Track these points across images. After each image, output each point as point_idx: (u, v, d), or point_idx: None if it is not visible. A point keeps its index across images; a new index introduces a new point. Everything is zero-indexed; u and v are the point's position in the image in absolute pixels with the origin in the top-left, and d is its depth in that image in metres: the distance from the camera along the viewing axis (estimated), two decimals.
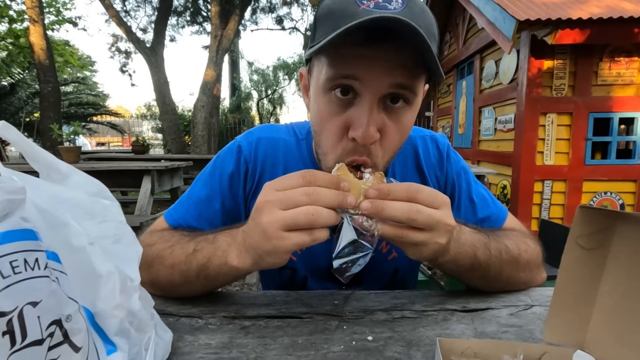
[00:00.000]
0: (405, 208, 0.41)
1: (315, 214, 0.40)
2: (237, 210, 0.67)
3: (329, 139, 0.51)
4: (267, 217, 0.41)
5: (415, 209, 0.41)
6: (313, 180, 0.42)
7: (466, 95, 5.03)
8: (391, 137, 0.50)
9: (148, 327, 0.36)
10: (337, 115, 0.49)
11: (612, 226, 0.34)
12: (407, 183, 0.43)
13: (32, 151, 0.37)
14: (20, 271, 0.25)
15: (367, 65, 0.45)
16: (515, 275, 0.57)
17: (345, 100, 0.48)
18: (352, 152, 0.49)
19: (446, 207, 0.44)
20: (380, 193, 0.42)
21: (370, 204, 0.41)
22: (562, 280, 0.36)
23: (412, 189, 0.42)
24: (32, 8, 6.45)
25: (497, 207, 0.70)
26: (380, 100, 0.47)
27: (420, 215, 0.41)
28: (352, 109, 0.48)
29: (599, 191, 3.51)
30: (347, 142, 0.49)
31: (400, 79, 0.46)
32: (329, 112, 0.50)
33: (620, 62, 3.32)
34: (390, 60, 0.45)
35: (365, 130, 0.46)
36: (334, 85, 0.48)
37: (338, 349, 0.43)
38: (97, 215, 0.38)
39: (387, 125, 0.49)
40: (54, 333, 0.27)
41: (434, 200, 0.43)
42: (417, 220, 0.41)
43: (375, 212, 0.41)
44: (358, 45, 0.44)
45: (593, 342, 0.36)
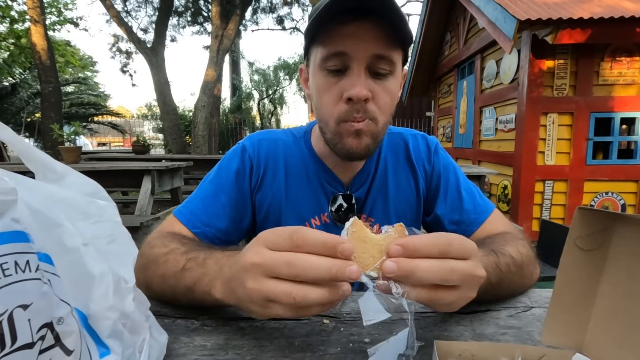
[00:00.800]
0: (438, 268, 0.35)
1: (298, 297, 0.34)
2: (243, 204, 0.71)
3: (328, 105, 0.61)
4: (251, 283, 0.36)
5: (449, 267, 0.35)
6: (302, 243, 0.35)
7: (467, 95, 5.02)
8: (382, 98, 0.60)
9: (142, 329, 0.36)
10: (332, 85, 0.59)
11: (611, 227, 0.34)
12: (435, 235, 0.37)
13: (27, 151, 0.36)
14: (10, 274, 0.25)
15: (350, 41, 0.56)
16: (521, 282, 0.57)
17: (338, 74, 0.59)
18: (350, 112, 0.59)
19: (476, 255, 0.38)
20: (406, 250, 0.35)
21: (396, 265, 0.34)
22: (561, 282, 0.36)
23: (443, 243, 0.36)
24: (33, 8, 6.46)
25: (484, 201, 0.73)
26: (367, 69, 0.58)
27: (455, 274, 0.35)
28: (344, 79, 0.59)
29: (600, 191, 3.51)
30: (343, 104, 0.59)
31: (380, 50, 0.57)
32: (326, 84, 0.60)
33: (622, 62, 3.32)
34: (368, 36, 0.56)
35: (358, 89, 0.56)
36: (327, 64, 0.58)
37: (335, 350, 0.42)
38: (91, 216, 0.38)
39: (375, 89, 0.59)
40: (45, 336, 0.26)
41: (464, 250, 0.37)
42: (451, 280, 0.36)
43: (403, 275, 0.34)
44: (343, 26, 0.55)
45: (592, 344, 0.36)
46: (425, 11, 5.71)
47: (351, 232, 0.37)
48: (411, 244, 0.35)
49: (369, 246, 0.36)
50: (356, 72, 0.57)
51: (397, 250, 0.35)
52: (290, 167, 0.73)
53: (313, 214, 0.72)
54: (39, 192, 0.34)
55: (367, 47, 0.56)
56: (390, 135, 0.77)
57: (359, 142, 0.61)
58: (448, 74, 5.88)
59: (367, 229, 0.38)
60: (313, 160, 0.73)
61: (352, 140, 0.61)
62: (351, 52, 0.56)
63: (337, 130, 0.61)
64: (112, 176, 3.04)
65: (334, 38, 0.57)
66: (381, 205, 0.74)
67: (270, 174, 0.72)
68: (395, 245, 0.35)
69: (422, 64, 6.33)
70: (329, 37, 0.57)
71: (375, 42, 0.56)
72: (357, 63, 0.57)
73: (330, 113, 0.61)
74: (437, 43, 6.02)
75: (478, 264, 0.38)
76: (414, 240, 0.35)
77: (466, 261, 0.37)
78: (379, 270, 0.35)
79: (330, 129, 0.62)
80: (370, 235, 0.37)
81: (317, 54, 0.60)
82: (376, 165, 0.74)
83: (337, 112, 0.60)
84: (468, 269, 0.36)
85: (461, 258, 0.36)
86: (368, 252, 0.36)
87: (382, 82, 0.59)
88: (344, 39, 0.56)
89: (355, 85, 0.57)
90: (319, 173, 0.73)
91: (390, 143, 0.76)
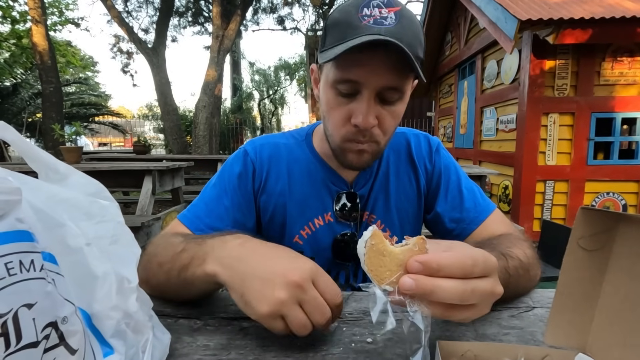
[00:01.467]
0: (460, 290, 0.33)
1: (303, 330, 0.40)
2: (247, 206, 0.72)
3: (335, 124, 0.62)
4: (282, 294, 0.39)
5: (471, 289, 0.34)
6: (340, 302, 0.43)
7: (468, 95, 5.02)
8: (387, 122, 0.61)
9: (145, 329, 0.36)
10: (342, 105, 0.60)
11: (614, 228, 0.34)
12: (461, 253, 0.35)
13: (31, 151, 0.36)
14: (15, 273, 0.25)
15: (364, 70, 0.56)
16: (527, 285, 0.57)
17: (348, 95, 0.59)
18: (355, 135, 0.61)
19: (495, 271, 0.37)
20: (427, 268, 0.33)
21: (414, 283, 0.33)
22: (564, 282, 0.36)
23: (468, 264, 0.34)
24: (34, 9, 6.47)
25: (485, 201, 0.73)
26: (376, 97, 0.58)
27: (475, 295, 0.34)
28: (353, 103, 0.59)
29: (601, 191, 3.50)
30: (350, 127, 0.60)
31: (390, 82, 0.57)
32: (336, 103, 0.61)
33: (623, 62, 3.31)
34: (382, 67, 0.56)
35: (365, 118, 0.58)
36: (339, 86, 0.59)
37: (337, 350, 0.42)
38: (94, 216, 0.38)
39: (382, 114, 0.60)
40: (49, 335, 0.26)
41: (487, 269, 0.35)
42: (470, 301, 0.34)
43: (422, 294, 0.33)
44: (359, 54, 0.54)
45: (595, 345, 0.36)
46: (426, 11, 5.71)
47: (370, 245, 0.35)
48: (434, 262, 0.33)
49: (387, 260, 0.35)
50: (366, 100, 0.58)
51: (417, 267, 0.33)
52: (292, 169, 0.74)
53: (317, 214, 0.73)
54: (43, 192, 0.34)
55: (379, 79, 0.56)
56: (394, 135, 0.77)
57: (359, 158, 0.64)
58: (449, 74, 5.87)
59: (387, 240, 0.36)
60: (316, 161, 0.74)
61: (355, 157, 0.64)
62: (363, 81, 0.57)
63: (341, 147, 0.64)
64: (113, 176, 3.04)
65: (347, 64, 0.56)
66: (383, 202, 0.74)
67: (274, 177, 0.73)
68: (415, 262, 0.34)
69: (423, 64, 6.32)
70: (343, 62, 0.57)
71: (388, 74, 0.56)
72: (367, 91, 0.57)
73: (337, 131, 0.63)
74: (437, 43, 6.02)
75: (497, 280, 0.37)
76: (437, 259, 0.33)
77: (486, 279, 0.35)
78: (395, 284, 0.34)
79: (335, 144, 0.65)
80: (389, 248, 0.36)
81: (329, 71, 0.60)
82: (379, 164, 0.75)
83: (344, 133, 0.62)
84: (488, 288, 0.35)
85: (482, 276, 0.35)
86: (386, 266, 0.35)
87: (390, 107, 0.60)
88: (358, 67, 0.56)
89: (363, 113, 0.57)
90: (323, 173, 0.73)
91: (392, 142, 0.77)
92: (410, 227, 0.76)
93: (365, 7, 0.55)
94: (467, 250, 0.36)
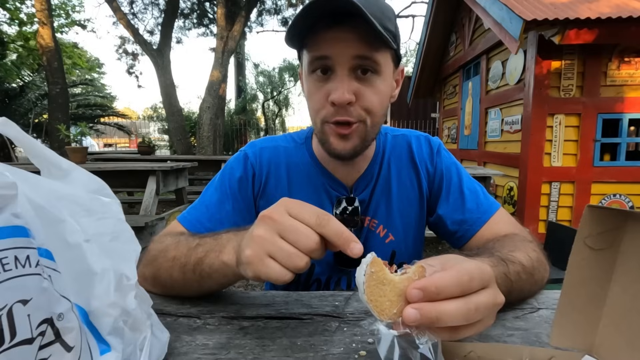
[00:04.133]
0: (464, 311, 0.32)
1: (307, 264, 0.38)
2: (247, 211, 0.72)
3: (314, 107, 0.63)
4: (260, 231, 0.40)
5: (474, 307, 0.33)
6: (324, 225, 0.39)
7: (472, 96, 4.99)
8: (367, 98, 0.60)
9: (143, 327, 0.36)
10: (319, 88, 0.61)
11: (621, 226, 0.33)
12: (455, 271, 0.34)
13: (33, 147, 0.36)
14: (10, 268, 0.25)
15: (332, 45, 0.57)
16: (532, 289, 0.55)
17: (324, 77, 0.60)
18: (335, 114, 0.60)
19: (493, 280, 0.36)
20: (427, 294, 0.32)
21: (419, 313, 0.31)
22: (570, 282, 0.35)
23: (464, 280, 0.33)
24: (41, 11, 6.54)
25: (489, 201, 0.72)
26: (351, 71, 0.59)
27: (480, 312, 0.33)
28: (329, 82, 0.60)
29: (607, 193, 3.46)
30: (328, 107, 0.60)
31: (361, 51, 0.57)
32: (314, 87, 0.62)
33: (630, 62, 3.27)
34: (348, 38, 0.56)
35: (340, 93, 0.58)
36: (314, 67, 0.61)
37: (338, 350, 0.42)
38: (95, 212, 0.38)
39: (361, 90, 0.60)
40: (45, 332, 0.26)
41: (483, 281, 0.35)
42: (476, 318, 0.34)
43: (429, 322, 0.32)
44: (324, 31, 0.57)
45: (602, 347, 0.35)
46: (430, 12, 5.69)
47: (370, 272, 0.34)
48: (432, 285, 0.32)
49: (387, 289, 0.34)
50: (339, 75, 0.58)
51: (418, 295, 0.32)
52: (292, 173, 0.73)
53: None
54: (43, 188, 0.34)
55: (348, 50, 0.57)
56: (394, 138, 0.78)
57: (345, 144, 0.62)
58: (453, 75, 5.85)
59: (386, 268, 0.35)
60: (315, 166, 0.73)
61: (338, 142, 0.62)
62: (333, 55, 0.58)
63: (322, 130, 0.63)
64: (117, 176, 3.06)
65: (317, 43, 0.59)
66: (384, 206, 0.74)
67: (273, 181, 0.73)
68: (414, 289, 0.32)
69: (427, 65, 6.31)
70: (312, 42, 0.59)
71: (356, 44, 0.57)
72: (340, 66, 0.58)
73: (316, 114, 0.63)
74: (442, 44, 6.00)
75: (496, 289, 0.36)
76: (435, 282, 0.32)
77: (486, 291, 0.34)
78: (397, 316, 0.33)
79: (317, 129, 0.65)
80: (389, 276, 0.34)
81: (305, 58, 0.62)
82: (380, 168, 0.74)
83: (323, 114, 0.62)
84: (490, 301, 0.34)
85: (481, 288, 0.34)
86: (386, 296, 0.33)
87: (367, 82, 0.60)
88: (326, 43, 0.58)
89: (338, 89, 0.58)
90: (322, 178, 0.73)
91: (393, 145, 0.77)
92: (412, 231, 0.75)
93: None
94: (461, 265, 0.35)
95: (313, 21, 0.56)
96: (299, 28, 0.57)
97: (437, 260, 0.37)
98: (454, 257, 0.38)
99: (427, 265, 0.35)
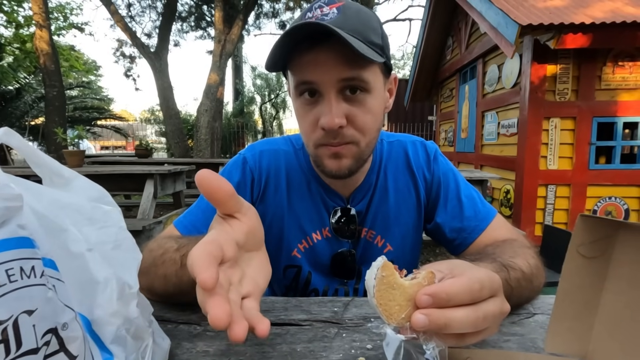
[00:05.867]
0: (472, 319, 0.32)
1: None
2: None
3: (305, 131, 0.62)
4: None
5: (482, 315, 0.33)
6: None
7: (469, 100, 5.03)
8: (360, 119, 0.58)
9: (145, 335, 0.36)
10: (308, 112, 0.59)
11: (613, 235, 0.34)
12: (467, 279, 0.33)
13: (35, 156, 0.37)
14: (16, 279, 0.25)
15: (315, 69, 0.55)
16: (530, 295, 0.55)
17: (312, 100, 0.58)
18: (325, 138, 0.59)
19: (501, 287, 0.36)
20: (437, 300, 0.32)
21: (428, 319, 0.31)
22: (563, 290, 0.36)
23: (475, 289, 0.33)
24: (38, 13, 6.53)
25: (486, 207, 0.72)
26: (339, 93, 0.56)
27: (487, 321, 0.33)
28: (318, 106, 0.58)
29: (603, 196, 3.49)
30: (319, 131, 0.58)
31: (345, 74, 0.55)
32: (303, 111, 0.60)
33: (624, 67, 3.31)
34: (330, 61, 0.54)
35: (329, 118, 0.55)
36: (300, 91, 0.59)
37: (337, 357, 0.42)
38: (97, 221, 0.38)
39: (351, 111, 0.57)
40: (49, 342, 0.27)
41: (492, 289, 0.34)
42: (483, 326, 0.33)
43: (437, 329, 0.31)
44: (306, 53, 0.54)
45: (596, 352, 0.35)
46: (427, 16, 5.74)
47: (380, 276, 0.34)
48: (443, 292, 0.32)
49: (397, 294, 0.34)
50: (327, 100, 0.56)
51: (427, 301, 0.32)
52: (292, 179, 0.72)
53: (314, 229, 0.72)
54: (45, 197, 0.34)
55: (331, 73, 0.55)
56: (390, 144, 0.76)
57: (339, 165, 0.61)
58: (450, 79, 5.88)
59: (397, 272, 0.35)
60: (313, 173, 0.73)
61: (332, 162, 0.61)
62: (317, 80, 0.55)
63: (315, 154, 0.62)
64: (115, 180, 3.05)
65: (299, 66, 0.56)
66: (382, 217, 0.73)
67: (272, 186, 0.72)
68: (424, 295, 0.32)
69: (424, 68, 6.35)
70: (295, 66, 0.57)
71: (339, 67, 0.54)
72: (326, 90, 0.56)
73: (308, 139, 0.62)
74: (439, 48, 6.04)
75: (503, 299, 0.36)
76: (446, 289, 0.32)
77: (494, 300, 0.34)
78: (405, 320, 0.33)
79: (310, 152, 0.64)
80: (399, 281, 0.34)
81: (291, 80, 0.60)
82: (377, 177, 0.73)
83: (315, 138, 0.60)
84: (497, 310, 0.34)
85: (490, 297, 0.34)
86: (395, 300, 0.34)
87: (358, 102, 0.58)
88: (308, 66, 0.55)
89: (327, 114, 0.56)
90: (319, 187, 0.72)
91: (390, 152, 0.76)
92: (410, 238, 0.75)
93: (308, 12, 0.56)
94: (471, 272, 0.35)
95: (294, 44, 0.54)
96: (278, 54, 0.54)
97: (445, 265, 0.37)
98: (461, 263, 0.38)
99: (436, 271, 0.35)
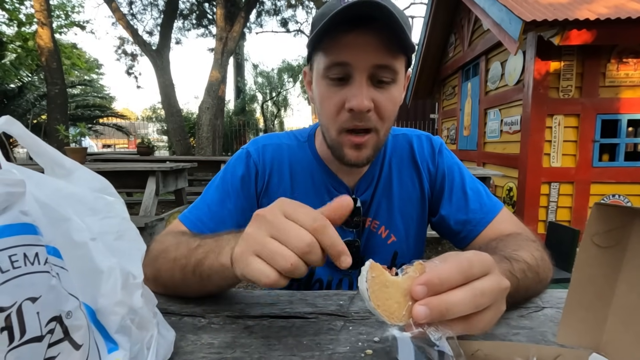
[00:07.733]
0: (469, 297, 0.32)
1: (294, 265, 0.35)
2: (250, 209, 0.70)
3: (330, 114, 0.61)
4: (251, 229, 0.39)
5: (480, 292, 0.33)
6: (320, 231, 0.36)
7: (471, 97, 5.01)
8: (384, 106, 0.60)
9: (150, 326, 0.36)
10: (335, 94, 0.60)
11: (629, 224, 0.33)
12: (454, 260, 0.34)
13: (37, 146, 0.36)
14: (19, 266, 0.25)
15: (352, 51, 0.56)
16: (538, 286, 0.54)
17: (340, 82, 0.59)
18: (350, 121, 0.59)
19: (494, 266, 0.36)
20: (431, 287, 0.32)
21: (428, 309, 0.31)
22: (577, 280, 0.35)
23: (465, 267, 0.33)
24: (40, 11, 6.54)
25: (492, 200, 0.71)
26: (369, 78, 0.58)
27: (486, 296, 0.33)
28: (346, 88, 0.58)
29: (606, 194, 3.47)
30: (345, 114, 0.59)
31: (381, 59, 0.56)
32: (328, 92, 0.60)
33: (629, 63, 3.29)
34: (370, 44, 0.55)
35: (360, 100, 0.56)
36: (331, 73, 0.59)
37: (344, 349, 0.42)
38: (100, 211, 0.37)
39: (378, 98, 0.59)
40: (54, 330, 0.26)
41: (484, 267, 0.35)
42: (484, 304, 0.33)
43: (438, 316, 0.31)
44: (345, 35, 0.55)
45: (610, 345, 0.35)
46: (429, 13, 5.71)
47: (371, 278, 0.34)
48: (434, 277, 0.32)
49: (392, 291, 0.33)
50: (358, 83, 0.57)
51: (422, 291, 0.32)
52: (295, 171, 0.73)
53: None
54: (48, 186, 0.34)
55: (369, 57, 0.56)
56: (395, 137, 0.77)
57: (359, 155, 0.62)
58: (452, 76, 5.86)
59: (386, 271, 0.35)
60: (318, 165, 0.73)
61: (352, 152, 0.62)
62: (353, 62, 0.56)
63: (338, 140, 0.62)
64: (116, 177, 3.05)
65: (335, 47, 0.57)
66: (386, 207, 0.73)
67: (276, 179, 0.72)
68: (418, 285, 0.32)
69: (427, 66, 6.32)
70: (331, 47, 0.57)
71: (376, 52, 0.56)
72: (359, 73, 0.57)
73: (332, 122, 0.61)
74: (441, 45, 6.01)
75: (499, 274, 0.36)
76: (437, 273, 0.32)
77: (489, 277, 0.34)
78: (408, 317, 0.32)
79: (331, 137, 0.63)
80: (391, 278, 0.34)
81: (319, 61, 0.60)
82: (381, 168, 0.74)
83: (339, 122, 0.60)
84: (495, 284, 0.34)
85: (485, 274, 0.34)
86: (392, 298, 0.33)
87: (384, 90, 0.59)
88: (346, 48, 0.56)
89: (357, 96, 0.57)
90: (324, 177, 0.72)
91: (394, 145, 0.76)
92: (414, 231, 0.75)
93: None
94: (459, 255, 0.35)
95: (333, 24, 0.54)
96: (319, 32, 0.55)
97: (437, 258, 0.37)
98: (451, 253, 0.38)
99: (426, 263, 0.35)
